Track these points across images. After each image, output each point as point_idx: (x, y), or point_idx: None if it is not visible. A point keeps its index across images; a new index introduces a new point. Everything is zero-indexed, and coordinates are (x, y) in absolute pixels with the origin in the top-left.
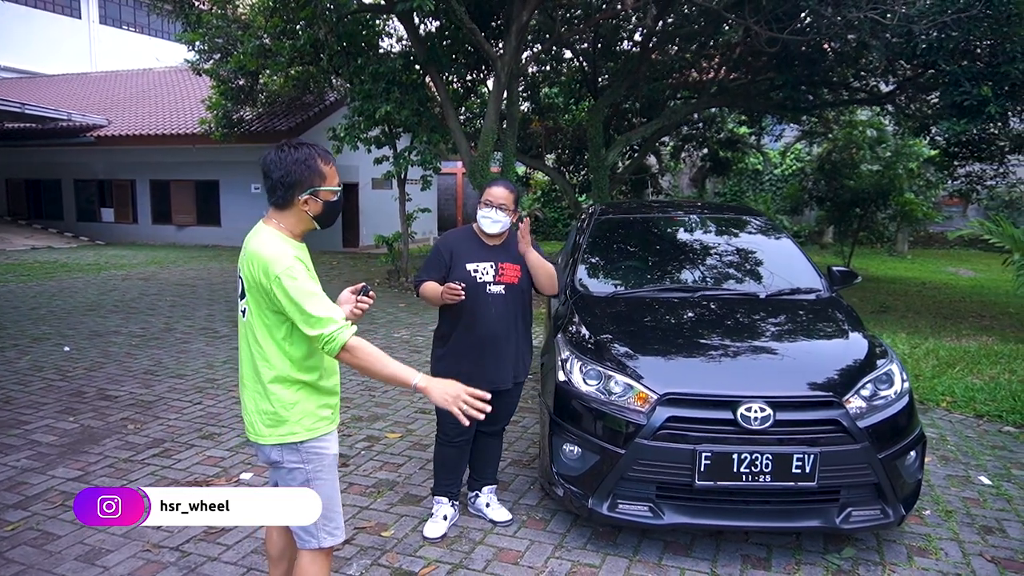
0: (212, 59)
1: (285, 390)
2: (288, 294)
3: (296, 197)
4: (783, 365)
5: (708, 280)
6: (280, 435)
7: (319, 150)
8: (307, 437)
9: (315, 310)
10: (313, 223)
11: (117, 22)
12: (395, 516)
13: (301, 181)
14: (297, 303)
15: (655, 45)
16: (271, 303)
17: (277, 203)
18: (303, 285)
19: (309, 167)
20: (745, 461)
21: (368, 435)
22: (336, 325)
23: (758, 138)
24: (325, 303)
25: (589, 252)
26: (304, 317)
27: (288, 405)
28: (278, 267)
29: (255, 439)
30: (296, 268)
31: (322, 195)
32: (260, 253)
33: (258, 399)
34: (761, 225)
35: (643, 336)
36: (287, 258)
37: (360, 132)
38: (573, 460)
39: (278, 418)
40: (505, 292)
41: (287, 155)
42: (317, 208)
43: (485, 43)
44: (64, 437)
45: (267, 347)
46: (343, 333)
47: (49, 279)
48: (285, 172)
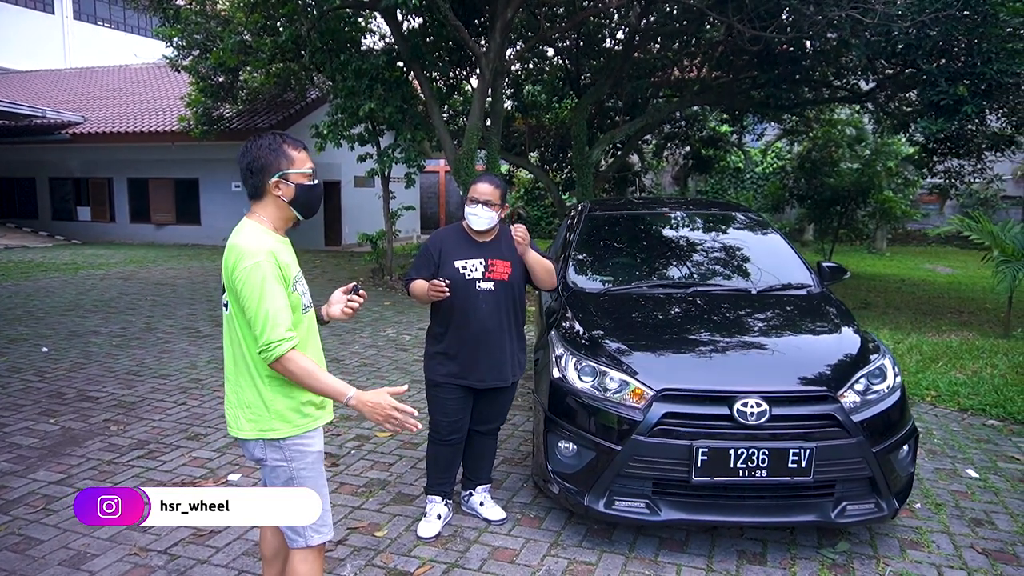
0: (191, 55)
1: (266, 386)
2: (245, 288)
3: (266, 182)
4: (777, 360)
5: (700, 276)
6: (261, 431)
7: (288, 137)
8: (289, 434)
9: (264, 313)
10: (292, 211)
11: (92, 18)
12: (388, 516)
13: (268, 165)
14: (249, 301)
15: (638, 43)
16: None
17: (251, 192)
18: (264, 285)
19: (274, 151)
20: (742, 456)
21: (358, 434)
22: (280, 335)
23: (740, 136)
24: (277, 308)
25: (580, 249)
26: (253, 317)
27: (269, 401)
28: (248, 260)
29: (236, 434)
30: (265, 267)
31: (292, 178)
32: (238, 245)
33: (240, 393)
34: (751, 221)
35: (637, 332)
36: (261, 254)
37: (343, 129)
38: (569, 457)
39: (260, 413)
40: (495, 289)
41: (253, 143)
42: (289, 192)
43: (469, 40)
44: (45, 439)
45: (248, 341)
46: (284, 345)
47: (24, 279)
48: (252, 158)
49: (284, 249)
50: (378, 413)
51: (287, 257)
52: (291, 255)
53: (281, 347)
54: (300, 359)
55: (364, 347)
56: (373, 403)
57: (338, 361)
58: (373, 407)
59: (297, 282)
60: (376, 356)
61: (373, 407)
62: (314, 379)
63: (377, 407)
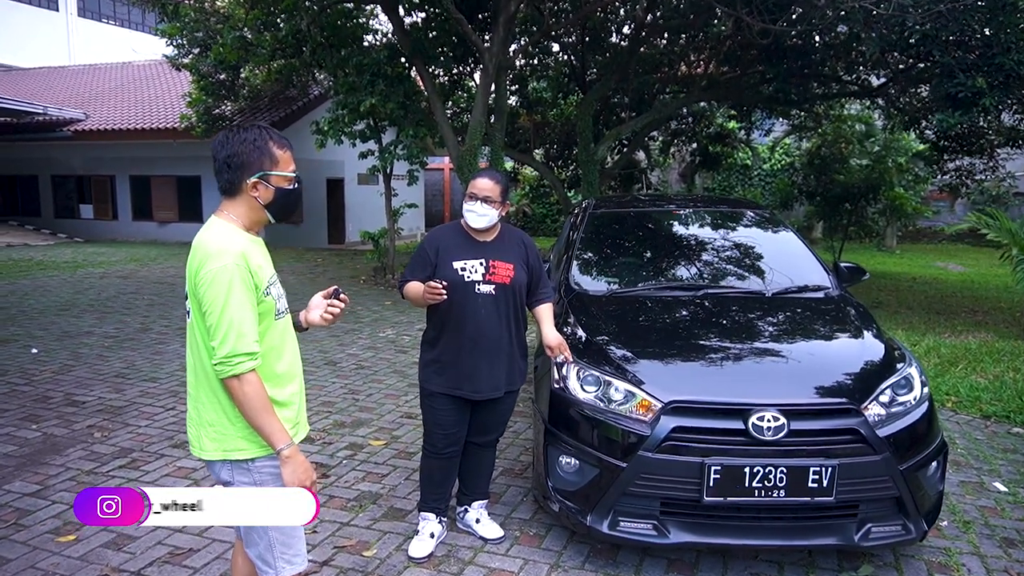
0: (191, 53)
1: (229, 400)
2: (209, 292)
3: (244, 181)
4: (795, 370)
5: (710, 277)
6: (225, 451)
7: (273, 133)
8: (257, 454)
9: (228, 322)
10: (265, 214)
11: (96, 15)
12: (378, 533)
13: (249, 163)
14: (212, 306)
15: (644, 38)
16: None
17: (223, 188)
18: (231, 290)
19: (259, 148)
20: (757, 475)
21: (351, 442)
22: (244, 348)
23: (747, 133)
24: (243, 318)
25: (584, 248)
26: (214, 324)
27: (235, 418)
28: (215, 262)
29: (200, 454)
30: (233, 270)
31: (273, 180)
32: (205, 245)
33: (202, 410)
34: (764, 219)
35: (644, 338)
36: (229, 255)
37: (344, 126)
38: (570, 473)
39: (224, 432)
40: (496, 292)
41: (235, 135)
42: (268, 195)
43: (472, 34)
44: (24, 447)
45: (209, 353)
46: (246, 363)
47: (23, 277)
48: (231, 152)
49: (256, 250)
50: (299, 478)
51: (259, 259)
52: (264, 256)
53: (243, 364)
54: (260, 384)
55: (362, 348)
56: (303, 467)
57: (335, 364)
58: (301, 470)
59: (271, 286)
60: (374, 358)
61: (301, 470)
62: (265, 413)
63: (303, 473)
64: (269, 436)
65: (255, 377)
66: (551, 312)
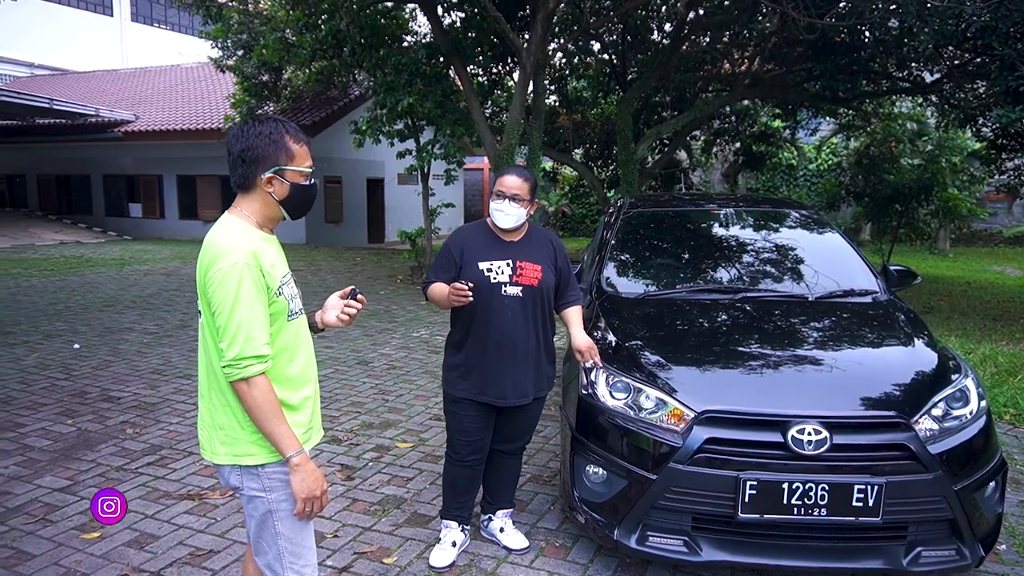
0: (235, 55)
1: (240, 404)
2: (219, 292)
3: (258, 176)
4: (839, 379)
5: (750, 280)
6: (235, 455)
7: (290, 126)
8: (268, 460)
9: (237, 323)
10: (280, 210)
11: (148, 19)
12: (400, 539)
13: (264, 157)
14: (221, 306)
15: (686, 35)
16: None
17: (238, 183)
18: (240, 290)
19: (274, 142)
20: (797, 491)
21: (378, 444)
22: (254, 351)
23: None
24: (252, 319)
25: (617, 249)
26: (223, 325)
27: (245, 422)
28: (225, 260)
29: (210, 458)
30: (244, 270)
31: (289, 176)
32: (215, 243)
33: (213, 413)
34: (808, 219)
35: (678, 343)
36: (240, 254)
37: (382, 125)
38: (597, 484)
39: (234, 436)
40: (523, 294)
41: (250, 128)
42: (283, 191)
43: (510, 32)
44: (59, 442)
45: (219, 354)
46: (255, 366)
47: (72, 274)
48: (246, 146)
49: (270, 249)
50: (308, 487)
51: (272, 258)
52: (278, 255)
53: (252, 367)
54: (269, 389)
55: (395, 348)
56: (313, 476)
57: (367, 363)
58: (311, 479)
59: (284, 286)
60: (407, 359)
61: (311, 479)
62: (274, 418)
63: (313, 482)
64: (278, 442)
65: (264, 381)
66: (580, 315)
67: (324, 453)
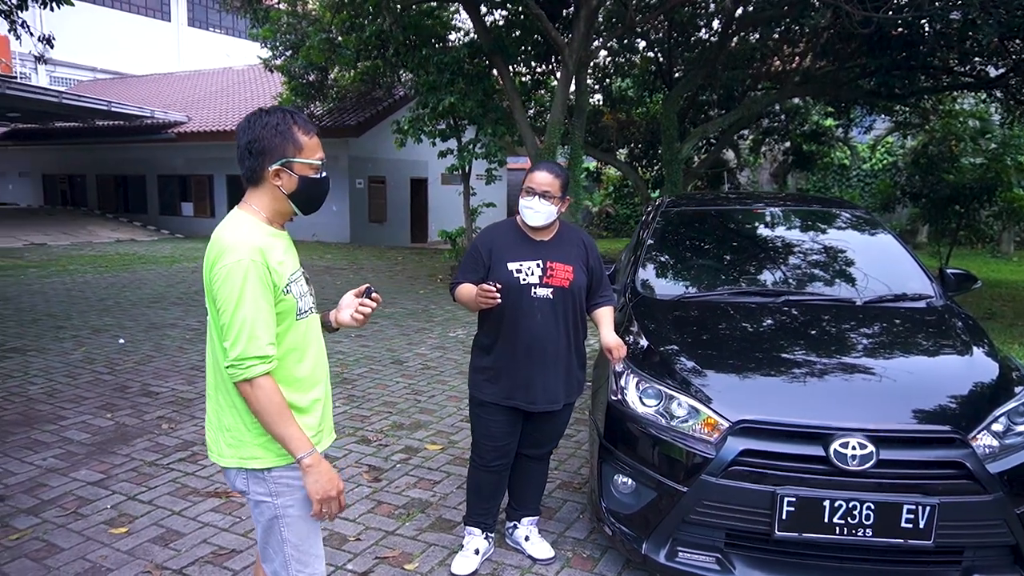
0: (284, 56)
1: (246, 405)
2: (223, 289)
3: (266, 169)
4: (888, 390)
5: (794, 283)
6: (241, 458)
7: (298, 116)
8: (275, 464)
9: (241, 321)
10: (289, 204)
11: (204, 24)
12: (423, 545)
13: (271, 149)
14: (226, 304)
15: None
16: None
17: (246, 176)
18: (245, 288)
19: (281, 133)
20: (839, 510)
21: (407, 445)
22: (257, 351)
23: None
24: (257, 318)
25: (654, 249)
26: (227, 323)
27: (251, 424)
28: (229, 257)
29: (216, 459)
30: (249, 266)
31: (297, 168)
32: (220, 239)
33: (220, 413)
34: (858, 219)
35: (714, 348)
36: (245, 250)
37: (424, 124)
38: (626, 495)
39: (240, 438)
40: (553, 296)
41: (258, 119)
42: (292, 184)
43: (552, 30)
44: (97, 435)
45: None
46: (258, 366)
47: (124, 271)
48: (253, 137)
49: (278, 245)
50: (323, 488)
51: (280, 254)
52: (288, 252)
53: (256, 367)
54: (274, 390)
55: (431, 348)
56: (327, 476)
57: (401, 363)
58: (325, 479)
59: (292, 283)
60: (442, 359)
61: (325, 479)
62: (281, 419)
63: (328, 483)
64: (287, 443)
65: (268, 382)
66: (612, 315)
67: (352, 454)
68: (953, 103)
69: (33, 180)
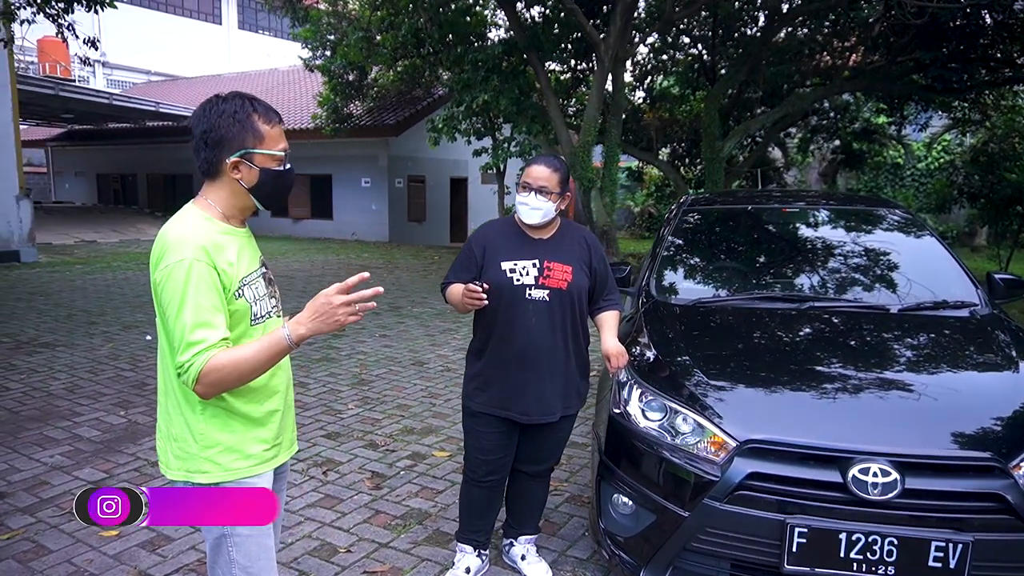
0: (324, 56)
1: (197, 415)
2: (165, 291)
3: (224, 161)
4: (918, 409)
5: (820, 287)
6: (188, 471)
7: (258, 104)
8: (222, 479)
9: (183, 326)
10: (250, 199)
11: (253, 27)
12: (415, 559)
13: (228, 139)
14: (169, 307)
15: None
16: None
17: (202, 168)
18: (187, 289)
19: (240, 122)
20: (857, 544)
21: (415, 451)
22: (195, 349)
23: (899, 128)
24: (200, 318)
25: (671, 250)
26: (172, 329)
27: (200, 434)
28: (171, 257)
29: (164, 471)
30: (192, 266)
31: (258, 160)
32: (164, 236)
33: (169, 423)
34: (895, 219)
35: (727, 359)
36: (189, 249)
37: (458, 123)
38: (624, 516)
39: (188, 449)
40: (550, 298)
41: (213, 106)
42: (252, 177)
43: (587, 25)
44: (107, 433)
45: (171, 360)
46: (197, 359)
47: None
48: (208, 127)
49: (231, 244)
50: (326, 318)
51: (232, 254)
52: (242, 252)
53: (195, 363)
54: (221, 361)
55: (454, 350)
56: (314, 315)
57: (422, 364)
58: (318, 317)
59: (246, 286)
60: (462, 361)
61: (318, 317)
62: (248, 362)
63: (321, 315)
64: (276, 355)
65: (215, 360)
66: (616, 320)
67: (357, 459)
68: (1015, 98)
69: (88, 179)
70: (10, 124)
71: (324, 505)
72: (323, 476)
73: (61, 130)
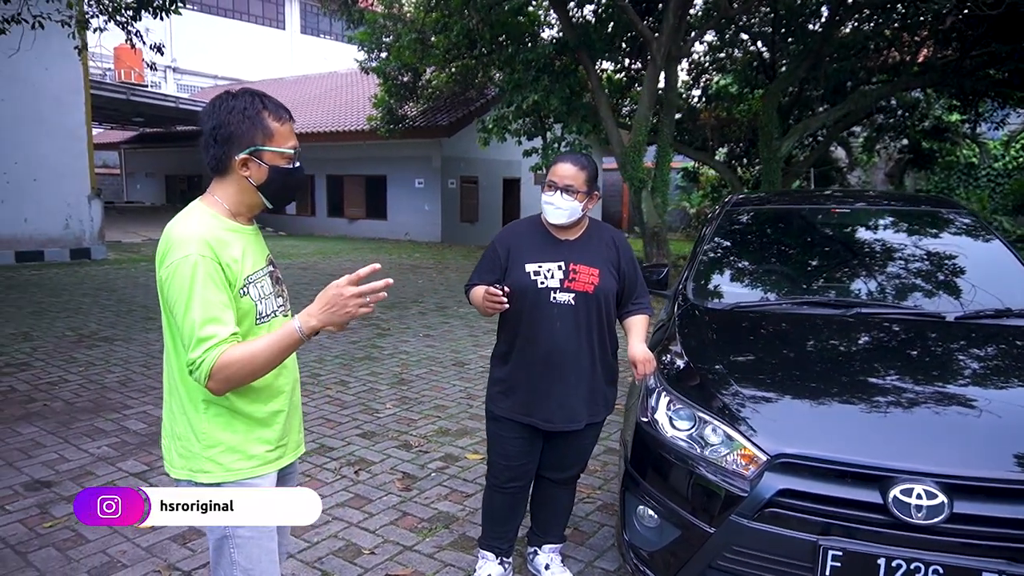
0: (380, 58)
1: (200, 413)
2: (171, 289)
3: (232, 157)
4: (971, 426)
5: (868, 293)
6: (191, 471)
7: (268, 101)
8: (224, 479)
9: (191, 323)
10: (259, 197)
11: (315, 31)
12: (438, 564)
13: (238, 136)
14: (176, 305)
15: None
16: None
17: (211, 165)
18: (194, 286)
19: (249, 118)
20: (898, 571)
21: (448, 453)
22: (206, 345)
23: (973, 126)
24: (209, 313)
25: (711, 251)
26: (180, 326)
27: (203, 433)
28: (176, 252)
29: (168, 470)
30: (197, 262)
31: (267, 158)
32: (169, 232)
33: (173, 421)
34: (957, 220)
35: (763, 367)
36: (193, 245)
37: (508, 123)
38: (648, 530)
39: (191, 448)
40: (575, 302)
41: (223, 103)
42: (261, 175)
43: (639, 22)
44: (153, 426)
45: (176, 358)
46: (208, 355)
47: None
48: (218, 123)
49: (237, 241)
50: (337, 309)
51: (237, 251)
52: (248, 249)
53: (206, 359)
54: (233, 356)
55: None
56: (325, 307)
57: (463, 364)
58: (329, 309)
59: (251, 284)
60: None
61: (329, 309)
62: (260, 355)
63: (332, 306)
64: (288, 348)
65: (226, 356)
66: (645, 325)
67: (389, 459)
68: None
69: (157, 180)
70: (83, 127)
71: (353, 505)
72: (355, 476)
73: (133, 133)
